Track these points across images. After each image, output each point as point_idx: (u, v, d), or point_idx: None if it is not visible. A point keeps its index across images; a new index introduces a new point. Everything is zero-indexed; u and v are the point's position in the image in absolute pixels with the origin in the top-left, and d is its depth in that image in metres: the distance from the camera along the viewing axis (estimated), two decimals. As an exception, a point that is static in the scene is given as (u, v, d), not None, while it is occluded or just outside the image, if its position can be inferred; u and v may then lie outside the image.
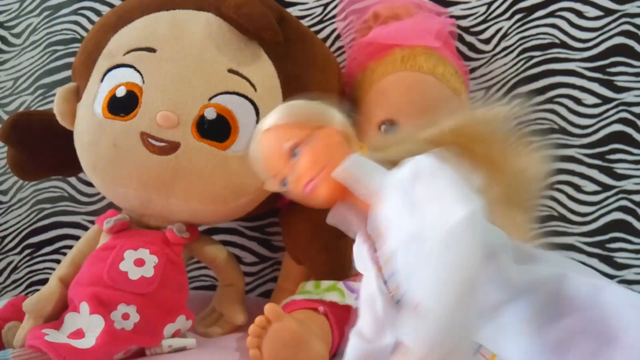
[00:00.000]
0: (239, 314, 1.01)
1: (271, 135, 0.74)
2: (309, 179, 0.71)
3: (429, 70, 1.04)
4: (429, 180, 0.64)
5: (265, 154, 0.74)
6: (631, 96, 1.18)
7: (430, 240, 0.59)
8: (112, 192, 1.00)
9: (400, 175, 0.67)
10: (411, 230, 0.64)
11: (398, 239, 0.66)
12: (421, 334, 0.55)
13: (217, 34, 0.95)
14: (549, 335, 0.61)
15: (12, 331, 0.94)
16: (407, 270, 0.65)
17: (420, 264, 0.60)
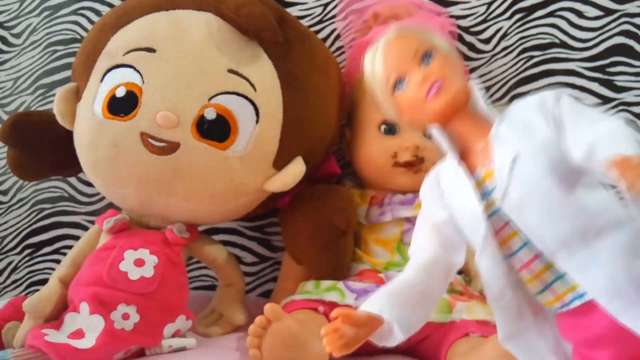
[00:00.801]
0: (239, 314, 1.01)
1: (408, 38, 0.73)
2: (440, 78, 0.70)
3: (429, 70, 1.04)
4: (574, 104, 0.67)
5: (394, 52, 0.73)
6: (631, 96, 1.18)
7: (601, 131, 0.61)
8: (112, 192, 1.00)
9: (540, 96, 0.69)
10: (545, 140, 0.65)
11: (527, 146, 0.66)
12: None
13: (217, 34, 0.95)
14: (638, 270, 0.61)
15: (12, 331, 0.94)
16: (527, 173, 0.65)
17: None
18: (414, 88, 0.71)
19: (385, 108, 0.75)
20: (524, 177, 0.66)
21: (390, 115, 0.75)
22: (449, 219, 0.72)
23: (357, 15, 1.17)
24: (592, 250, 0.63)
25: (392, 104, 0.73)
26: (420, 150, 1.03)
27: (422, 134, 1.03)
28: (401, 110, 0.73)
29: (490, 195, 0.68)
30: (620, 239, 0.62)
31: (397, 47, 0.73)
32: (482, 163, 0.70)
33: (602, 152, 0.59)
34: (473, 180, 0.69)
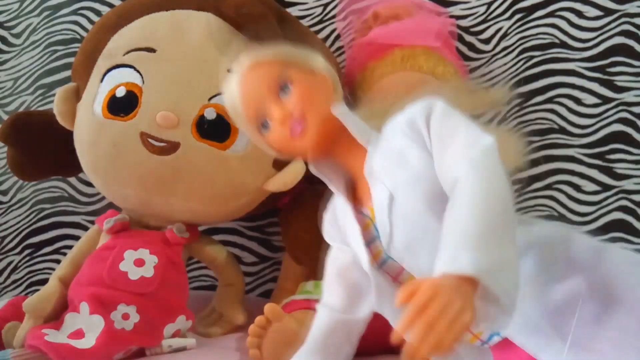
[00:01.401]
0: (239, 314, 1.01)
1: (260, 70, 0.68)
2: (300, 115, 0.64)
3: (429, 70, 1.04)
4: (445, 118, 0.61)
5: (250, 89, 0.68)
6: (631, 96, 1.18)
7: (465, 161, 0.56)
8: (112, 192, 1.00)
9: (409, 114, 0.63)
10: (416, 169, 0.61)
11: (400, 180, 0.61)
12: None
13: (217, 34, 0.95)
14: (552, 296, 0.58)
15: (12, 331, 0.94)
16: (406, 212, 0.60)
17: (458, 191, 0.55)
18: (277, 130, 0.66)
19: (263, 148, 0.71)
20: (404, 219, 0.61)
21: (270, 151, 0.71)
22: (354, 260, 0.68)
23: (357, 15, 1.17)
24: None
25: (266, 144, 0.69)
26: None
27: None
28: (275, 150, 0.69)
29: (378, 241, 0.64)
30: (522, 270, 0.56)
31: (251, 83, 0.68)
32: (367, 199, 0.65)
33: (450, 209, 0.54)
34: (358, 227, 0.65)
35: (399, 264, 0.63)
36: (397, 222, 0.61)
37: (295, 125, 0.65)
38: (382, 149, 0.64)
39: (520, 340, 0.59)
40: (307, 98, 0.65)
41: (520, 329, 0.58)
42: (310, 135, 0.65)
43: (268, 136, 0.68)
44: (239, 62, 0.70)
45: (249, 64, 0.69)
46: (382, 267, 0.64)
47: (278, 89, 0.66)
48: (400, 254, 0.62)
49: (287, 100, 0.66)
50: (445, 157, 0.59)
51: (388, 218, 0.62)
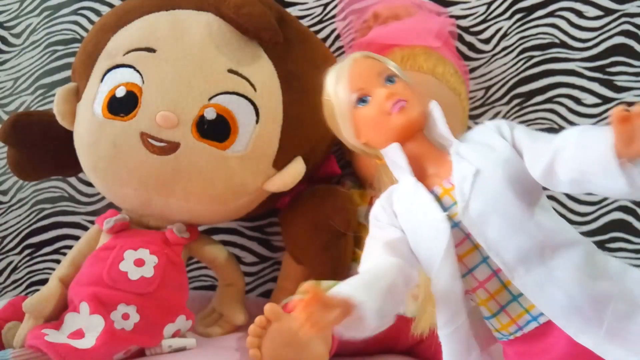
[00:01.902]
0: (239, 314, 1.01)
1: (371, 61, 0.75)
2: (404, 97, 0.71)
3: (429, 70, 1.04)
4: (529, 130, 0.69)
5: (363, 69, 0.74)
6: (631, 96, 1.18)
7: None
8: (112, 192, 1.00)
9: (496, 122, 0.71)
10: (505, 155, 0.67)
11: (489, 161, 0.67)
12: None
13: (217, 34, 0.95)
14: (593, 289, 0.62)
15: (12, 331, 0.94)
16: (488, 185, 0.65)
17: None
18: (379, 102, 0.71)
19: (344, 125, 0.75)
20: (485, 191, 0.66)
21: (347, 135, 0.75)
22: (403, 239, 0.71)
23: (357, 15, 1.17)
24: (548, 268, 0.63)
25: (352, 120, 0.74)
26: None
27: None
28: (361, 126, 0.74)
29: (448, 211, 0.68)
30: (574, 258, 0.63)
31: (364, 66, 0.74)
32: (438, 182, 0.70)
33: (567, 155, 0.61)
34: (432, 196, 0.69)
35: (463, 234, 0.67)
36: (477, 192, 0.66)
37: (399, 102, 0.71)
38: (467, 141, 0.71)
39: (562, 322, 0.62)
40: (410, 91, 0.73)
41: (565, 310, 0.62)
42: (407, 115, 0.71)
43: (363, 109, 0.73)
44: (351, 53, 0.77)
45: (365, 55, 0.76)
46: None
47: (386, 77, 0.73)
48: (472, 220, 0.66)
49: (394, 86, 0.73)
50: (536, 144, 0.66)
51: (470, 188, 0.66)
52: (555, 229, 0.65)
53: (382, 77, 0.73)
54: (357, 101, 0.73)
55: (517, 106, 1.20)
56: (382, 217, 0.73)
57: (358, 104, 0.73)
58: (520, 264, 0.63)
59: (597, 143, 0.59)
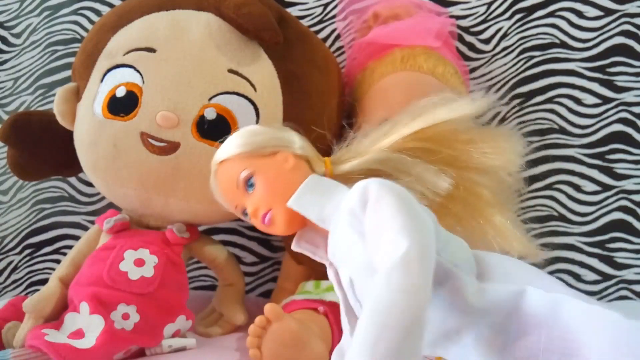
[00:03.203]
0: (239, 314, 1.01)
1: (226, 167, 0.73)
2: (265, 211, 0.69)
3: (429, 70, 1.04)
4: (375, 208, 0.60)
5: (222, 186, 0.74)
6: (631, 96, 1.18)
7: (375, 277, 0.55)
8: (112, 192, 1.00)
9: (349, 201, 0.63)
10: (363, 261, 0.62)
11: (353, 268, 0.64)
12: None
13: (217, 34, 0.95)
14: (513, 355, 0.59)
15: (12, 331, 0.94)
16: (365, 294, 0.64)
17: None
18: (253, 218, 0.71)
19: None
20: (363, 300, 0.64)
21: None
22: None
23: (357, 15, 1.17)
24: (459, 346, 0.62)
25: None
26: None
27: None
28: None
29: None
30: (480, 334, 0.61)
31: (222, 181, 0.73)
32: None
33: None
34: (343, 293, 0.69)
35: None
36: (361, 299, 0.65)
37: (263, 219, 0.70)
38: (337, 235, 0.67)
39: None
40: (269, 192, 0.70)
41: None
42: (279, 225, 0.69)
43: (251, 221, 0.73)
44: (214, 159, 0.75)
45: (218, 163, 0.74)
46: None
47: (245, 185, 0.71)
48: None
49: (253, 196, 0.71)
50: (372, 254, 0.59)
51: (353, 298, 0.66)
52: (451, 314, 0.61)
53: (242, 186, 0.71)
54: (243, 214, 0.74)
55: (517, 106, 1.21)
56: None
57: (245, 216, 0.74)
58: (437, 348, 0.62)
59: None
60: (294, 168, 0.71)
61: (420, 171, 0.70)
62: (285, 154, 0.72)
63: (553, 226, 1.20)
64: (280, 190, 0.69)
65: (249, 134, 0.75)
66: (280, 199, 0.69)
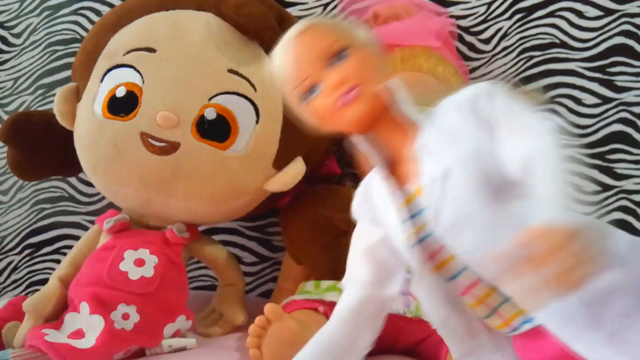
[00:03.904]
0: (239, 314, 1.01)
1: (311, 35, 0.65)
2: (354, 84, 0.62)
3: (429, 70, 1.04)
4: (509, 99, 0.59)
5: (306, 50, 0.64)
6: (631, 96, 1.18)
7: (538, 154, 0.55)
8: (112, 192, 1.00)
9: (468, 93, 0.62)
10: (478, 146, 0.59)
11: (459, 154, 0.60)
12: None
13: (217, 34, 0.95)
14: (592, 287, 0.53)
15: (12, 331, 0.94)
16: (459, 189, 0.59)
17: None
18: (326, 95, 0.63)
19: (304, 118, 0.68)
20: (456, 195, 0.59)
21: (311, 122, 0.68)
22: (384, 238, 0.66)
23: (357, 15, 1.17)
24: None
25: (308, 114, 0.66)
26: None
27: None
28: (317, 119, 0.66)
29: (421, 216, 0.62)
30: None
31: (307, 44, 0.65)
32: (413, 176, 0.63)
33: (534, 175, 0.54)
34: (398, 200, 0.63)
35: (438, 243, 0.62)
36: (447, 198, 0.60)
37: (346, 94, 0.62)
38: (435, 127, 0.62)
39: (555, 328, 0.57)
40: (364, 67, 0.63)
41: (556, 317, 0.57)
42: (358, 106, 0.62)
43: (313, 102, 0.65)
44: (292, 27, 0.67)
45: (306, 26, 0.66)
46: (420, 244, 0.63)
47: (335, 54, 0.64)
48: (445, 231, 0.60)
49: (344, 66, 0.63)
50: (512, 134, 0.58)
51: (439, 193, 0.60)
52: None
53: (331, 55, 0.64)
54: (306, 94, 0.65)
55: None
56: (362, 213, 0.70)
57: (309, 97, 0.65)
58: (506, 272, 0.55)
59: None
60: (382, 64, 0.67)
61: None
62: (373, 50, 0.67)
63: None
64: (375, 70, 0.64)
65: (336, 19, 0.70)
66: (373, 77, 0.63)
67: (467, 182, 0.59)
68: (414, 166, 0.63)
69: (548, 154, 0.56)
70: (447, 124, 0.62)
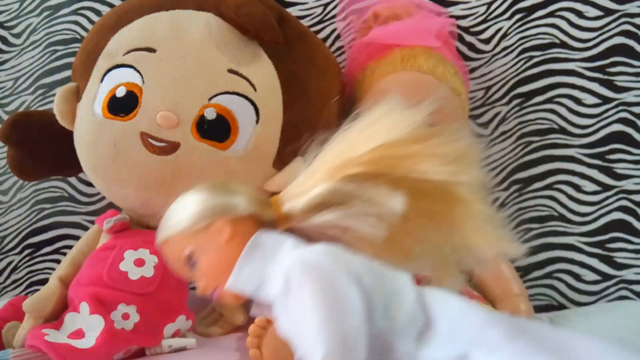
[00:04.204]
0: (239, 314, 1.01)
1: (168, 246, 0.74)
2: (213, 288, 0.70)
3: (429, 70, 1.04)
4: (297, 298, 0.61)
5: (170, 264, 0.75)
6: (631, 96, 1.18)
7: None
8: (112, 193, 1.00)
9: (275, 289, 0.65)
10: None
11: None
12: None
13: (217, 34, 0.95)
14: None
15: (12, 331, 0.94)
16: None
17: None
18: (205, 294, 0.72)
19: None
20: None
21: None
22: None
23: (357, 15, 1.17)
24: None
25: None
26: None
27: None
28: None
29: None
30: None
31: (169, 258, 0.74)
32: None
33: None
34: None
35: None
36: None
37: (213, 296, 0.71)
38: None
39: None
40: (210, 271, 0.70)
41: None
42: (229, 303, 0.71)
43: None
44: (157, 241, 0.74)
45: (160, 243, 0.74)
46: None
47: (188, 264, 0.71)
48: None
49: (198, 273, 0.71)
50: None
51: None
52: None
53: (184, 265, 0.72)
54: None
55: (517, 106, 1.20)
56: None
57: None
58: None
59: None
60: (231, 238, 0.69)
61: (372, 195, 0.67)
62: (220, 224, 0.70)
63: (553, 226, 1.20)
64: (221, 269, 0.69)
65: (183, 208, 0.73)
66: (222, 277, 0.69)
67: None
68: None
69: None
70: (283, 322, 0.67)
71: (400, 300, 0.62)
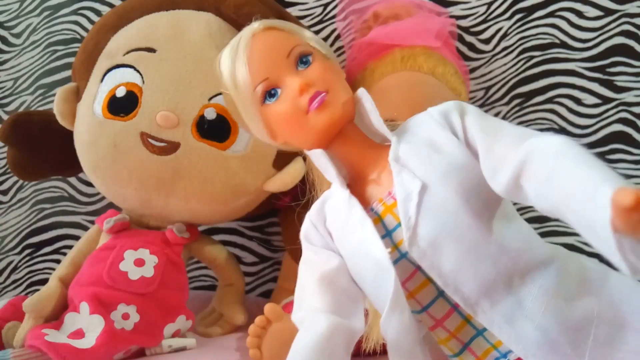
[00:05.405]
0: (239, 314, 1.01)
1: (277, 35, 0.60)
2: (321, 89, 0.57)
3: (429, 70, 1.04)
4: (482, 114, 0.56)
5: (265, 50, 0.59)
6: (631, 96, 1.18)
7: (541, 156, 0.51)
8: (112, 192, 1.00)
9: (439, 108, 0.58)
10: (457, 158, 0.55)
11: (438, 169, 0.55)
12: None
13: (217, 34, 0.95)
14: (570, 315, 0.53)
15: (12, 331, 0.94)
16: (439, 204, 0.54)
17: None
18: (292, 97, 0.57)
19: (253, 125, 0.61)
20: (435, 212, 0.54)
21: (259, 136, 0.61)
22: (341, 265, 0.59)
23: (357, 15, 1.17)
24: (517, 298, 0.53)
25: (262, 119, 0.60)
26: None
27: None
28: (274, 126, 0.59)
29: (392, 236, 0.57)
30: (546, 281, 0.54)
31: (266, 44, 0.59)
32: (378, 195, 0.58)
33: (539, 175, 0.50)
34: (370, 220, 0.56)
35: (412, 266, 0.56)
36: (426, 214, 0.54)
37: (318, 96, 0.57)
38: (408, 141, 0.58)
39: (537, 359, 0.53)
40: (329, 74, 0.59)
41: (539, 346, 0.53)
42: (330, 112, 0.57)
43: (273, 107, 0.59)
44: (248, 27, 0.61)
45: (266, 26, 0.61)
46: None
47: (298, 57, 0.59)
48: (422, 250, 0.55)
49: (309, 72, 0.58)
50: (498, 147, 0.54)
51: (416, 209, 0.54)
52: (522, 249, 0.55)
53: (293, 58, 0.58)
54: (264, 97, 0.59)
55: (517, 106, 1.20)
56: (314, 238, 0.62)
57: (265, 101, 0.59)
58: (484, 297, 0.53)
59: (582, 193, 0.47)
60: (344, 76, 0.62)
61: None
62: (335, 63, 0.63)
63: (553, 226, 1.20)
64: (340, 78, 0.60)
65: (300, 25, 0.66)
66: (340, 86, 0.59)
67: (448, 197, 0.54)
68: (382, 184, 0.58)
69: (549, 147, 0.53)
70: (421, 137, 0.57)
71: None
